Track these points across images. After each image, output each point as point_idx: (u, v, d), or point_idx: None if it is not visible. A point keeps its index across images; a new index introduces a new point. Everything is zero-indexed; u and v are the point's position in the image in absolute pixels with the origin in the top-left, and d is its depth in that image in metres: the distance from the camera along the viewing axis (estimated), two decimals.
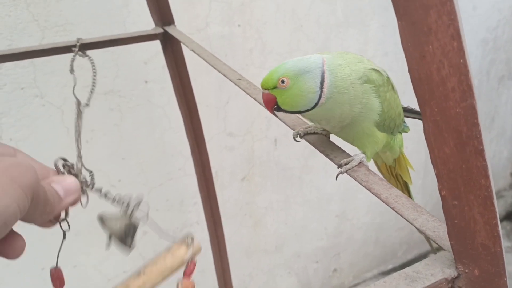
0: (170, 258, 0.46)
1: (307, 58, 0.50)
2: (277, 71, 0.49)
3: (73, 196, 0.38)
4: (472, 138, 0.29)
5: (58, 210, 0.37)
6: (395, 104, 0.54)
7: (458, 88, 0.28)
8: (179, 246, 0.46)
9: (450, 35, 0.27)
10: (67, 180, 0.38)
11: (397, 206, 0.42)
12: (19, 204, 0.29)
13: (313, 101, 0.49)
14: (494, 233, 0.32)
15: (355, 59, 0.52)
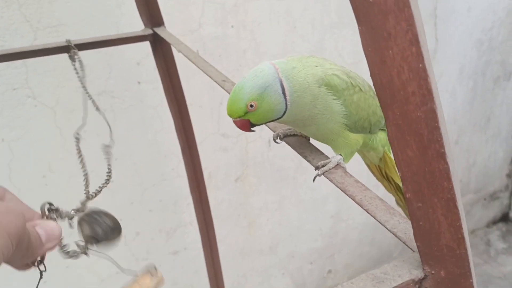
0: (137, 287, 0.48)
1: (260, 71, 0.50)
2: (241, 98, 0.50)
3: (54, 242, 0.39)
4: (433, 142, 0.30)
5: (38, 255, 0.38)
6: (366, 105, 0.54)
7: (418, 92, 0.29)
8: (144, 276, 0.49)
9: (408, 40, 0.28)
10: (50, 225, 0.39)
11: (370, 208, 0.42)
12: (3, 251, 0.30)
13: (282, 109, 0.51)
14: (458, 235, 0.32)
15: (313, 63, 0.52)
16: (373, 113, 0.56)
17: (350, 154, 0.56)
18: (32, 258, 0.37)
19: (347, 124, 0.53)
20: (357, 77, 0.54)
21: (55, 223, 0.40)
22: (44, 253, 0.38)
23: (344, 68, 0.54)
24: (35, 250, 0.36)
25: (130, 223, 1.50)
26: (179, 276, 1.69)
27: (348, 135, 0.55)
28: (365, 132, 0.57)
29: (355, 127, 0.55)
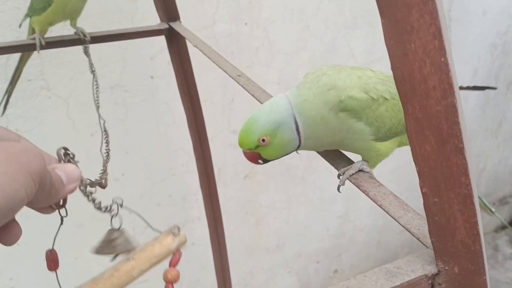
0: (158, 247, 0.47)
1: (276, 106, 0.49)
2: (254, 131, 0.49)
3: (75, 183, 0.40)
4: (452, 136, 0.30)
5: (61, 196, 0.38)
6: (396, 111, 0.51)
7: (439, 87, 0.29)
8: (166, 236, 0.48)
9: (431, 33, 0.28)
10: (70, 167, 0.39)
11: (384, 203, 0.42)
12: (26, 190, 0.30)
13: (295, 146, 0.50)
14: (473, 231, 0.32)
15: (326, 86, 0.49)
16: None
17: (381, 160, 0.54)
18: (55, 200, 0.37)
19: (376, 137, 0.51)
20: (378, 84, 0.51)
21: (74, 166, 0.40)
22: (66, 195, 0.39)
23: (362, 75, 0.51)
24: (58, 191, 0.37)
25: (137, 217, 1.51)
26: (186, 270, 1.70)
27: (379, 147, 0.53)
28: (400, 134, 0.54)
29: (387, 136, 0.52)
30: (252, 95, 0.65)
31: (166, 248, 0.48)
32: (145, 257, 0.46)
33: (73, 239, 1.43)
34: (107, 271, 0.46)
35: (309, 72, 0.54)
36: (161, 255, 0.47)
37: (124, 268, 0.45)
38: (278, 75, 1.61)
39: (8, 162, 0.29)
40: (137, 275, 0.48)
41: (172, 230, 0.48)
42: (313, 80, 0.51)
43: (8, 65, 1.20)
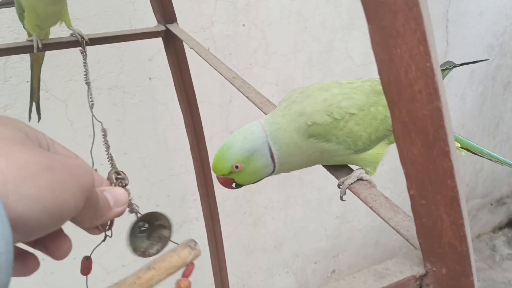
0: (176, 258, 0.51)
1: (250, 134, 0.50)
2: (227, 158, 0.49)
3: (122, 208, 0.40)
4: (438, 140, 0.30)
5: (106, 218, 0.39)
6: (367, 124, 0.51)
7: (424, 91, 0.29)
8: (184, 248, 0.52)
9: (417, 39, 0.28)
10: (118, 191, 0.40)
11: (374, 205, 0.43)
12: (75, 202, 0.31)
13: (269, 171, 0.51)
14: (460, 233, 0.33)
15: (295, 114, 0.50)
16: (381, 121, 0.52)
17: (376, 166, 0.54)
18: (100, 221, 0.38)
19: (356, 150, 0.51)
20: (344, 100, 0.50)
21: (122, 189, 0.41)
22: (112, 217, 0.40)
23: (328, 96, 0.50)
24: (103, 212, 0.38)
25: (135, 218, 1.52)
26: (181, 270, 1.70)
27: (365, 157, 0.53)
28: (385, 138, 0.54)
29: (369, 145, 0.52)
30: (247, 97, 0.66)
31: (183, 260, 0.52)
32: (164, 268, 0.50)
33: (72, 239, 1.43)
34: (130, 278, 0.50)
35: (283, 99, 0.54)
36: (177, 266, 0.51)
37: (145, 276, 0.49)
38: (275, 76, 1.61)
39: (62, 172, 0.30)
40: (155, 283, 0.51)
41: (189, 243, 0.51)
42: (286, 107, 0.51)
43: (7, 67, 1.20)
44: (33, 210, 0.27)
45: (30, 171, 0.28)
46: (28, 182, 0.27)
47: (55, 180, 0.29)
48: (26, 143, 0.31)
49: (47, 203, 0.28)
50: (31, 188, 0.27)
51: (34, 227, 0.28)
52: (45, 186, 0.28)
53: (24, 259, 0.35)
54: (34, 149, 0.30)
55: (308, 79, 1.67)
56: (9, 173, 0.27)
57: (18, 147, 0.29)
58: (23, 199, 0.27)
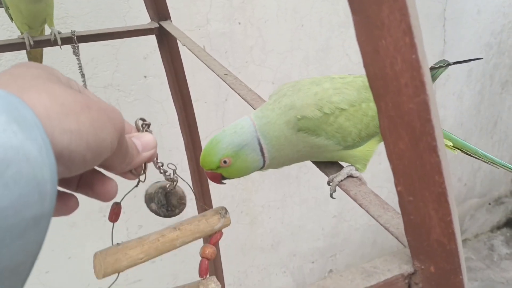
0: (204, 223, 0.50)
1: (240, 128, 0.49)
2: (216, 152, 0.48)
3: (150, 152, 0.41)
4: (425, 134, 0.30)
5: (136, 163, 0.40)
6: (357, 120, 0.50)
7: (411, 84, 0.29)
8: (214, 214, 0.51)
9: (402, 30, 0.27)
10: (146, 136, 0.41)
11: (364, 202, 0.42)
12: (111, 141, 0.32)
13: (259, 166, 0.50)
14: (449, 230, 0.32)
15: (286, 107, 0.49)
16: (372, 117, 0.51)
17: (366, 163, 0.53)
18: (129, 166, 0.39)
19: (346, 146, 0.51)
20: (334, 95, 0.49)
21: (150, 135, 0.42)
22: (140, 162, 0.41)
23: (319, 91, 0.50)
24: (133, 157, 0.38)
25: (133, 216, 1.51)
26: (179, 270, 1.69)
27: (354, 153, 0.52)
28: (376, 135, 0.53)
29: (358, 141, 0.51)
30: (238, 94, 0.65)
31: (211, 226, 0.50)
32: (190, 231, 0.49)
33: (67, 239, 1.43)
34: (154, 235, 0.49)
35: (273, 92, 0.54)
36: (204, 232, 0.50)
37: (170, 235, 0.49)
38: (272, 74, 1.61)
39: (99, 112, 0.31)
40: (179, 245, 0.51)
41: (219, 211, 0.51)
42: (276, 100, 0.51)
43: (0, 65, 1.19)
44: (77, 144, 0.29)
45: (71, 108, 0.29)
46: (70, 117, 0.28)
47: (94, 119, 0.30)
48: (62, 84, 0.32)
49: (89, 139, 0.29)
50: (74, 124, 0.29)
51: (77, 161, 0.29)
52: (86, 122, 0.29)
53: (64, 199, 0.36)
54: (71, 89, 0.31)
55: (304, 77, 1.66)
56: (52, 108, 0.28)
57: (56, 86, 0.30)
58: (67, 133, 0.28)
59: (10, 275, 0.24)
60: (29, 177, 0.23)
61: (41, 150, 0.25)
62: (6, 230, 0.22)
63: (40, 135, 0.25)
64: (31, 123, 0.25)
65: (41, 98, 0.28)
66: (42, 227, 0.25)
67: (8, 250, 0.23)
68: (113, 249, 0.47)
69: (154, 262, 1.64)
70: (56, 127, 0.28)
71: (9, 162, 0.23)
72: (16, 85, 0.29)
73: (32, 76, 0.30)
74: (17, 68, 0.31)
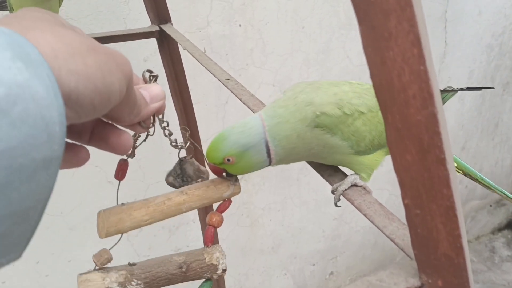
0: (213, 189, 0.49)
1: (249, 129, 0.48)
2: (221, 149, 0.48)
3: (158, 103, 0.40)
4: (433, 147, 0.29)
5: (144, 114, 0.39)
6: (373, 126, 0.50)
7: (418, 96, 0.28)
8: (223, 181, 0.49)
9: (410, 41, 0.27)
10: (153, 88, 0.40)
11: (369, 212, 0.42)
12: (120, 86, 0.31)
13: (263, 166, 0.49)
14: (457, 244, 0.31)
15: (303, 103, 0.48)
16: None
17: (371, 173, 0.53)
18: (138, 118, 0.38)
19: (357, 151, 0.50)
20: (354, 98, 0.49)
21: (157, 86, 0.41)
22: (149, 114, 0.40)
23: (338, 91, 0.50)
24: (141, 108, 0.37)
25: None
26: None
27: (362, 160, 0.51)
28: (385, 147, 0.53)
29: (370, 149, 0.51)
30: (240, 99, 0.64)
31: (220, 193, 0.49)
32: (197, 196, 0.48)
33: (66, 242, 1.42)
34: (160, 197, 0.48)
35: (288, 88, 0.53)
36: (212, 198, 0.49)
37: (176, 199, 0.47)
38: (272, 76, 1.60)
39: (106, 56, 0.30)
40: (185, 210, 0.49)
41: (230, 179, 0.50)
42: (291, 97, 0.50)
43: None
44: (84, 87, 0.28)
45: (77, 49, 0.28)
46: (77, 58, 0.27)
47: (101, 61, 0.29)
48: (66, 27, 0.31)
49: (97, 82, 0.28)
50: (81, 65, 0.27)
51: (85, 104, 0.28)
52: (93, 65, 0.28)
53: (75, 150, 0.36)
54: (76, 32, 0.30)
55: (305, 79, 1.65)
56: (58, 48, 0.27)
57: (61, 28, 0.29)
58: (74, 75, 0.27)
59: (19, 220, 0.23)
60: (37, 117, 0.23)
61: (48, 90, 0.24)
62: (15, 172, 0.22)
63: (47, 74, 0.24)
64: (37, 61, 0.24)
65: (46, 37, 0.27)
66: (52, 170, 0.24)
67: (17, 194, 0.22)
68: (117, 209, 0.46)
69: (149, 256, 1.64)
70: (62, 67, 0.26)
71: (15, 99, 0.22)
72: (20, 25, 0.27)
73: (36, 18, 0.29)
74: (21, 11, 0.31)
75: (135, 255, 1.53)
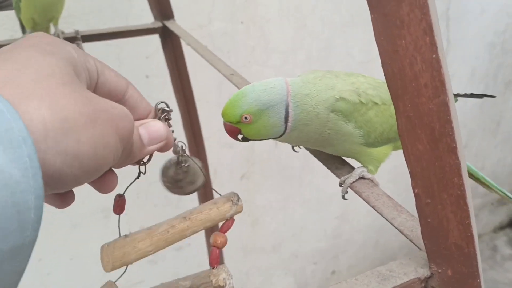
0: (215, 211, 0.48)
1: (271, 88, 0.47)
2: (239, 105, 0.47)
3: (157, 145, 0.37)
4: (445, 135, 0.29)
5: (139, 157, 0.36)
6: (387, 117, 0.50)
7: (430, 84, 0.28)
8: (225, 202, 0.49)
9: (422, 29, 0.27)
10: (155, 126, 0.37)
11: (377, 204, 0.41)
12: (114, 156, 0.30)
13: (278, 133, 0.48)
14: (467, 233, 0.31)
15: (326, 86, 0.48)
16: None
17: (379, 165, 0.53)
18: (131, 162, 0.36)
19: (367, 142, 0.50)
20: (370, 89, 0.50)
21: (161, 123, 0.37)
22: (144, 156, 0.37)
23: (355, 81, 0.50)
24: (135, 154, 0.35)
25: (135, 216, 1.50)
26: (181, 270, 1.69)
27: (372, 152, 0.52)
28: (394, 141, 0.53)
29: (378, 141, 0.51)
30: None
31: (222, 214, 0.48)
32: (200, 220, 0.47)
33: (68, 240, 1.42)
34: (164, 226, 0.47)
35: (306, 72, 0.52)
36: (215, 220, 0.48)
37: (180, 226, 0.47)
38: (274, 74, 1.60)
39: (106, 125, 0.29)
40: (189, 234, 0.49)
41: (231, 198, 0.49)
42: (316, 77, 0.50)
43: None
44: (69, 166, 0.26)
45: (73, 124, 0.26)
46: (69, 136, 0.26)
47: (98, 135, 0.28)
48: (73, 82, 0.29)
49: (85, 160, 0.27)
50: (72, 144, 0.26)
51: (68, 182, 0.27)
52: (86, 141, 0.27)
53: (59, 194, 0.34)
54: (81, 93, 0.28)
55: None
56: (51, 125, 0.25)
57: (65, 90, 0.27)
58: (61, 155, 0.26)
59: None
60: (7, 204, 0.21)
61: (26, 173, 0.22)
62: None
63: (28, 155, 0.22)
64: (19, 140, 0.22)
65: (41, 110, 0.25)
66: (22, 258, 0.22)
67: None
68: (121, 242, 0.45)
69: (156, 263, 1.63)
70: (50, 148, 0.25)
71: None
72: (19, 85, 0.25)
73: (43, 73, 0.27)
74: (30, 51, 0.28)
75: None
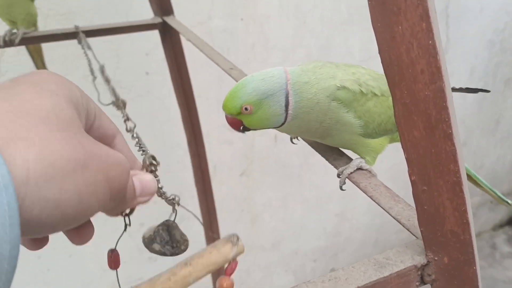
0: (216, 254, 0.48)
1: (270, 77, 0.47)
2: (239, 97, 0.47)
3: (147, 197, 0.37)
4: (441, 122, 0.29)
5: (129, 206, 0.36)
6: (385, 108, 0.51)
7: (427, 70, 0.28)
8: (225, 243, 0.48)
9: (419, 15, 0.27)
10: (147, 178, 0.37)
11: (374, 194, 0.42)
12: (99, 206, 0.29)
13: (279, 122, 0.48)
14: (463, 220, 0.32)
15: (327, 75, 0.49)
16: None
17: (376, 157, 0.53)
18: (122, 210, 0.36)
19: (365, 133, 0.51)
20: (370, 80, 0.51)
21: (152, 177, 0.38)
22: (135, 205, 0.37)
23: (356, 72, 0.51)
24: (128, 202, 0.34)
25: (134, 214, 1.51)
26: None
27: (369, 142, 0.52)
28: (391, 133, 0.54)
29: (376, 133, 0.52)
30: None
31: (224, 256, 0.48)
32: (202, 264, 0.47)
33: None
34: (165, 274, 0.47)
35: (307, 62, 0.53)
36: (217, 263, 0.48)
37: (181, 273, 0.46)
38: None
39: (96, 173, 0.28)
40: (193, 281, 0.48)
41: (230, 238, 0.48)
42: (316, 66, 0.50)
43: (2, 61, 1.19)
44: (49, 215, 0.25)
45: (59, 170, 0.25)
46: (52, 183, 0.25)
47: (85, 183, 0.27)
48: (71, 125, 0.28)
49: (67, 209, 0.26)
50: (53, 191, 0.25)
51: (46, 229, 0.26)
52: (70, 189, 0.26)
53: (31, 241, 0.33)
54: (76, 138, 0.27)
55: None
56: (34, 170, 0.24)
57: (57, 135, 0.26)
58: (40, 203, 0.24)
59: None
60: None
61: (3, 221, 0.21)
62: None
63: (7, 203, 0.22)
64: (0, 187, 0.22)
65: (27, 155, 0.24)
66: None
67: None
68: None
69: (156, 260, 1.64)
70: (30, 194, 0.24)
71: None
72: (11, 129, 0.25)
73: (39, 116, 0.26)
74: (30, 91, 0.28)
75: (136, 250, 1.53)
